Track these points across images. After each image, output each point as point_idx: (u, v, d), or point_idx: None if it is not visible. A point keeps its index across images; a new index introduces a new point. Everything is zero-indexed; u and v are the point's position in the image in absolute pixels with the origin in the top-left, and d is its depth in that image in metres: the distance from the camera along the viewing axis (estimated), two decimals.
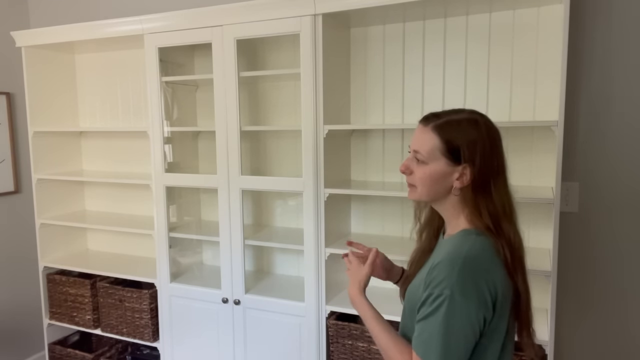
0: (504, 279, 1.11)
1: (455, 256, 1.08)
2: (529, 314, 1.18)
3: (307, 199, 2.18)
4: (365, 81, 2.37)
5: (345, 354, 2.19)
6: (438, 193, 1.17)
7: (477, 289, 1.05)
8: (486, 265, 1.09)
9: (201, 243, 2.84)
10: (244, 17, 2.19)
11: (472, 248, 1.10)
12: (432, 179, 1.16)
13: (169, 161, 2.56)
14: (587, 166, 2.07)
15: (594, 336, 2.13)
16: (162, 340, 2.61)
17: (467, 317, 1.04)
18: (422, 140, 1.17)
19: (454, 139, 1.13)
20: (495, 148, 1.15)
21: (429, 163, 1.16)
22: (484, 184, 1.13)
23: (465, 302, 1.04)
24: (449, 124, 1.15)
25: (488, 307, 1.07)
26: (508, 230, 1.14)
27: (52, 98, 2.95)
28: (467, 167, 1.13)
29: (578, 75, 2.04)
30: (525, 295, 1.16)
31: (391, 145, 2.35)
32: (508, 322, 1.14)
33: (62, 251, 3.01)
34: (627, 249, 2.05)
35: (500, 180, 1.15)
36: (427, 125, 1.17)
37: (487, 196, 1.14)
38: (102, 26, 2.50)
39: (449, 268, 1.06)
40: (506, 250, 1.12)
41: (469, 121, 1.15)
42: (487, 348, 1.11)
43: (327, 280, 2.21)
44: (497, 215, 1.14)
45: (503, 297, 1.09)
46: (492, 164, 1.14)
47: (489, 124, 1.18)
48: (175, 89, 2.63)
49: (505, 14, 2.08)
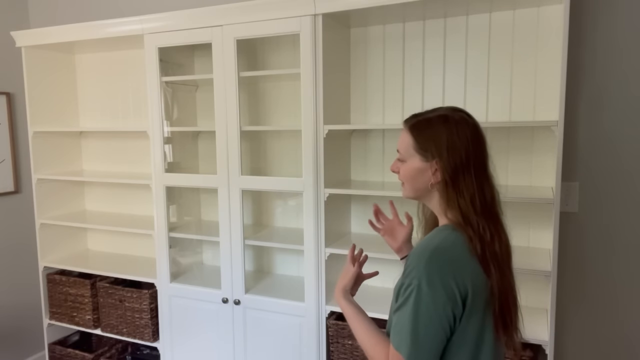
0: (477, 275, 1.11)
1: (424, 248, 1.12)
2: (505, 310, 1.15)
3: (307, 199, 2.18)
4: (365, 81, 2.37)
5: (345, 354, 2.19)
6: (420, 189, 1.22)
7: (443, 281, 1.07)
8: (454, 258, 1.10)
9: (201, 243, 2.84)
10: (244, 17, 2.19)
11: (443, 242, 1.13)
12: (411, 175, 1.22)
13: (169, 161, 2.56)
14: (587, 166, 2.07)
15: (594, 336, 2.13)
16: (162, 340, 2.61)
17: (434, 307, 1.06)
18: (401, 140, 1.25)
19: (422, 135, 1.19)
20: (464, 142, 1.15)
21: (406, 160, 1.23)
22: (453, 179, 1.15)
23: (431, 293, 1.06)
24: (420, 122, 1.21)
25: (457, 301, 1.07)
26: (477, 223, 1.14)
27: (52, 98, 2.95)
28: (438, 162, 1.16)
29: (578, 75, 2.04)
30: (501, 290, 1.13)
31: (391, 145, 2.34)
32: (484, 321, 1.12)
33: (62, 251, 3.01)
34: (627, 248, 2.05)
35: (474, 173, 1.16)
36: (406, 125, 1.24)
37: (457, 190, 1.16)
38: (102, 26, 2.50)
39: (418, 259, 1.10)
40: (476, 244, 1.12)
41: (439, 117, 1.20)
42: (460, 347, 1.11)
43: (327, 280, 2.21)
44: (465, 209, 1.15)
45: (474, 294, 1.09)
46: (459, 158, 1.15)
47: (462, 118, 1.19)
48: (175, 89, 2.63)
49: (505, 14, 2.08)
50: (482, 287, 1.11)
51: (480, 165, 1.17)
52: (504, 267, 1.16)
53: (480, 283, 1.11)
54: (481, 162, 1.18)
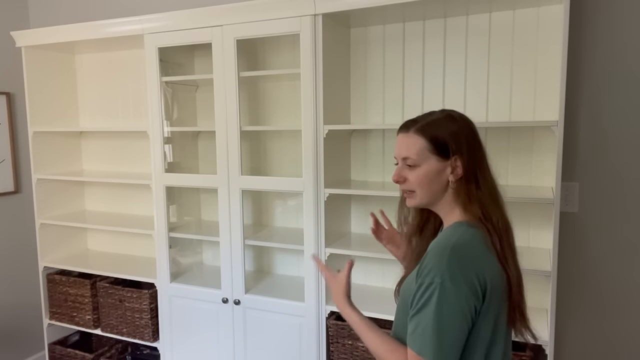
0: (494, 268, 1.12)
1: (443, 245, 1.11)
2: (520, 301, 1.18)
3: (307, 199, 2.18)
4: (365, 81, 2.37)
5: (345, 354, 2.19)
6: (436, 192, 1.20)
7: (466, 276, 1.07)
8: (474, 254, 1.11)
9: (201, 243, 2.84)
10: (244, 17, 2.19)
11: (461, 238, 1.13)
12: (428, 179, 1.19)
13: (169, 161, 2.56)
14: (587, 166, 2.07)
15: (594, 336, 2.13)
16: (162, 340, 2.61)
17: (459, 304, 1.06)
18: (408, 146, 1.21)
19: (438, 135, 1.18)
20: (476, 137, 1.21)
21: (421, 165, 1.19)
22: (473, 173, 1.18)
23: (456, 289, 1.06)
24: (429, 124, 1.20)
25: (478, 295, 1.08)
26: (496, 215, 1.17)
27: (52, 98, 2.95)
28: (458, 159, 1.17)
29: (578, 75, 2.04)
30: (517, 280, 1.17)
31: (391, 145, 2.34)
32: (498, 313, 1.13)
33: (62, 251, 3.01)
34: (627, 248, 2.05)
35: (485, 167, 1.20)
36: (409, 131, 1.22)
37: (477, 185, 1.18)
38: (102, 26, 2.50)
39: (438, 257, 1.09)
40: (495, 237, 1.14)
41: (447, 117, 1.21)
42: (475, 343, 1.11)
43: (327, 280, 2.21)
44: (486, 203, 1.17)
45: (492, 287, 1.10)
46: (477, 153, 1.19)
47: (464, 117, 1.23)
48: (175, 89, 2.63)
49: (505, 14, 2.08)
50: (499, 282, 1.13)
51: (487, 159, 1.22)
52: (515, 254, 1.19)
53: (497, 278, 1.12)
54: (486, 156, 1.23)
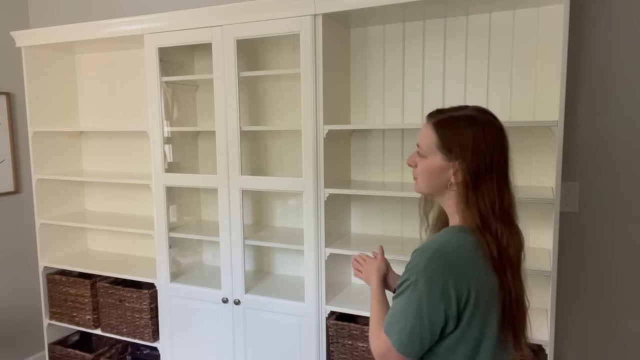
0: (483, 278, 1.11)
1: (428, 247, 1.13)
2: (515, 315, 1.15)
3: (307, 199, 2.18)
4: (365, 81, 2.37)
5: (345, 354, 2.19)
6: (436, 187, 1.21)
7: (440, 282, 1.07)
8: (456, 262, 1.10)
9: (201, 243, 2.84)
10: (244, 17, 2.19)
11: (448, 242, 1.13)
12: (429, 172, 1.20)
13: (169, 161, 2.56)
14: (587, 166, 2.07)
15: (594, 336, 2.13)
16: (162, 340, 2.61)
17: (427, 305, 1.08)
18: (423, 135, 1.22)
19: (448, 135, 1.17)
20: (489, 146, 1.14)
21: (427, 157, 1.20)
22: (476, 182, 1.14)
23: (426, 291, 1.08)
24: (445, 120, 1.19)
25: (450, 303, 1.08)
26: (496, 228, 1.13)
27: (52, 98, 2.95)
28: (460, 164, 1.14)
29: (578, 75, 2.04)
30: (511, 296, 1.13)
31: (391, 145, 2.35)
32: (486, 325, 1.12)
33: (62, 251, 3.01)
34: (627, 248, 2.05)
35: (495, 178, 1.14)
36: (430, 121, 1.22)
37: (478, 194, 1.14)
38: (102, 26, 2.50)
39: (420, 257, 1.11)
40: (493, 249, 1.12)
41: (467, 118, 1.17)
42: (456, 347, 1.11)
43: (327, 280, 2.21)
44: (486, 214, 1.13)
45: (477, 297, 1.09)
46: (484, 162, 1.13)
47: (489, 121, 1.17)
48: (175, 89, 2.63)
49: (505, 14, 2.08)
50: (487, 291, 1.11)
51: (502, 170, 1.16)
52: (516, 273, 1.17)
53: (485, 287, 1.11)
54: (503, 167, 1.16)
